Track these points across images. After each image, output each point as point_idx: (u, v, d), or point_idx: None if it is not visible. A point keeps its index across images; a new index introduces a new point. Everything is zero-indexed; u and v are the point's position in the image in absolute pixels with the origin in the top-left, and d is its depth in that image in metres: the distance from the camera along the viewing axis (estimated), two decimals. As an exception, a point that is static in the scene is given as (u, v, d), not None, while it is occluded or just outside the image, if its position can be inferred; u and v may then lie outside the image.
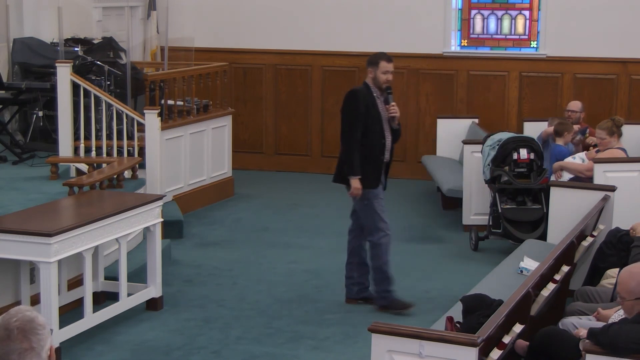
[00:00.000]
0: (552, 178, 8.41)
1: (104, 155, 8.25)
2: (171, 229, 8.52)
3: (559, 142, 8.93)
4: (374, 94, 6.85)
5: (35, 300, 6.04)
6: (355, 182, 6.79)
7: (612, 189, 7.07)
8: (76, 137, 8.27)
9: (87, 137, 8.32)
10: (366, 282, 7.06)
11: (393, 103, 6.89)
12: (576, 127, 9.30)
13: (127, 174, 8.11)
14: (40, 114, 8.90)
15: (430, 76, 11.46)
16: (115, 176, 7.67)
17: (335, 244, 8.69)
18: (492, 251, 8.44)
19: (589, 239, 6.38)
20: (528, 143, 8.40)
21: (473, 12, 11.37)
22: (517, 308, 4.57)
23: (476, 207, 9.02)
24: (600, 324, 4.69)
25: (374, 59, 6.89)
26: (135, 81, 9.26)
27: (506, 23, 11.30)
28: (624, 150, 8.20)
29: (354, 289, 7.07)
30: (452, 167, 10.11)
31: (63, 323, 5.95)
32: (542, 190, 8.20)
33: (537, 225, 8.17)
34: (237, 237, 8.96)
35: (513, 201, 8.37)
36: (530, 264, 6.37)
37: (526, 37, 11.26)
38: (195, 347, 6.17)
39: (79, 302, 6.41)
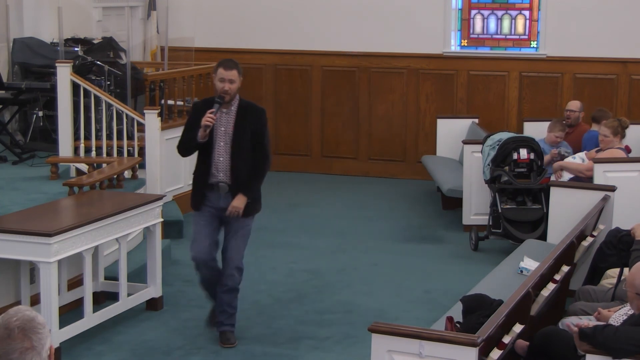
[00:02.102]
0: (552, 178, 8.42)
1: (104, 155, 8.25)
2: (171, 229, 8.52)
3: (596, 128, 8.91)
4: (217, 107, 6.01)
5: (35, 300, 6.04)
6: None
7: (612, 189, 7.07)
8: (76, 137, 8.27)
9: (87, 137, 8.32)
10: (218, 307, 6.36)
11: (211, 110, 5.92)
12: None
13: (127, 174, 8.11)
14: (40, 114, 8.90)
15: (430, 76, 11.46)
16: (115, 176, 7.66)
17: (335, 244, 8.70)
18: (492, 251, 8.44)
19: (589, 239, 6.38)
20: (528, 143, 8.40)
21: (473, 12, 11.37)
22: (517, 308, 4.57)
23: (476, 207, 9.02)
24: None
25: (216, 65, 6.14)
26: (135, 81, 9.26)
27: (506, 23, 11.30)
28: (624, 150, 8.20)
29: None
30: (452, 167, 10.12)
31: (63, 323, 5.94)
32: (542, 190, 8.20)
33: (537, 225, 8.18)
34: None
35: (513, 201, 8.37)
36: (530, 264, 6.37)
37: (526, 37, 11.26)
38: (195, 347, 6.17)
39: (79, 302, 6.41)
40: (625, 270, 5.66)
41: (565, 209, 7.07)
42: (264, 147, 6.18)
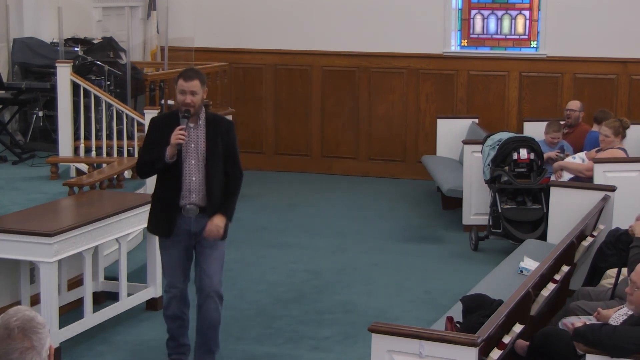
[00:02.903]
0: (552, 178, 8.42)
1: (104, 155, 8.25)
2: (171, 229, 8.50)
3: (597, 129, 8.91)
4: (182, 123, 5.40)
5: (35, 300, 6.04)
6: None
7: (612, 189, 7.08)
8: (76, 137, 8.28)
9: (87, 137, 8.33)
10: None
11: (181, 126, 5.33)
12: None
13: (127, 174, 8.12)
14: (40, 114, 8.92)
15: (430, 76, 11.46)
16: (115, 176, 7.67)
17: (335, 244, 8.70)
18: (492, 251, 8.44)
19: (589, 239, 6.38)
20: (528, 143, 8.40)
21: (473, 12, 11.37)
22: (517, 308, 4.57)
23: (476, 207, 9.02)
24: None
25: (176, 77, 5.55)
26: (135, 81, 9.27)
27: (506, 23, 11.30)
28: (624, 150, 8.21)
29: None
30: (452, 167, 10.12)
31: (63, 323, 5.95)
32: (542, 190, 8.20)
33: (537, 225, 8.18)
34: (237, 237, 8.93)
35: (513, 201, 8.37)
36: (530, 264, 6.37)
37: (526, 37, 11.26)
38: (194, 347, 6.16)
39: (79, 302, 6.41)
40: (624, 270, 5.66)
41: (565, 209, 7.07)
42: (237, 162, 5.65)
